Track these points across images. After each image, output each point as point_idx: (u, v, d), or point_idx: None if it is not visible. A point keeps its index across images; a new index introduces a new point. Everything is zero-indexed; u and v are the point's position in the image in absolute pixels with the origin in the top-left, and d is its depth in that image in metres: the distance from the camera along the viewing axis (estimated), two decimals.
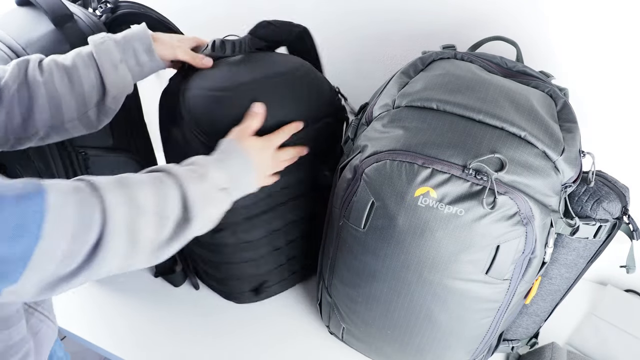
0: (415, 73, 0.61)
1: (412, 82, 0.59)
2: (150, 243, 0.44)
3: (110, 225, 0.40)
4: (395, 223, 0.53)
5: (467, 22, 0.79)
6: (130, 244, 0.42)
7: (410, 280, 0.56)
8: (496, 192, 0.48)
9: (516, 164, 0.49)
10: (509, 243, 0.50)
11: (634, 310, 0.83)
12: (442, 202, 0.49)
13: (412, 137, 0.52)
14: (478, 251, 0.51)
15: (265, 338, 0.81)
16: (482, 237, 0.50)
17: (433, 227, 0.51)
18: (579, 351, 0.77)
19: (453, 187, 0.49)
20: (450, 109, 0.53)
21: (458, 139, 0.50)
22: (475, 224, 0.49)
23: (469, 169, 0.48)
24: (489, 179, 0.47)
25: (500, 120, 0.51)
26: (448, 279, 0.54)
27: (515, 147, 0.50)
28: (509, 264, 0.52)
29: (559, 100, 0.58)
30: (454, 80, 0.57)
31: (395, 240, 0.54)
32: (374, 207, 0.54)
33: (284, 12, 0.75)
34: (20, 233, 0.35)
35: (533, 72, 0.63)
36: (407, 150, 0.51)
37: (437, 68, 0.61)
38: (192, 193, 0.47)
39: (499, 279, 0.53)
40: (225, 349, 0.79)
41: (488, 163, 0.48)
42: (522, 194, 0.49)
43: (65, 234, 0.37)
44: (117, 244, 0.41)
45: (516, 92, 0.56)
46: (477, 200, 0.48)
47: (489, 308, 0.57)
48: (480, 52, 0.67)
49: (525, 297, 0.61)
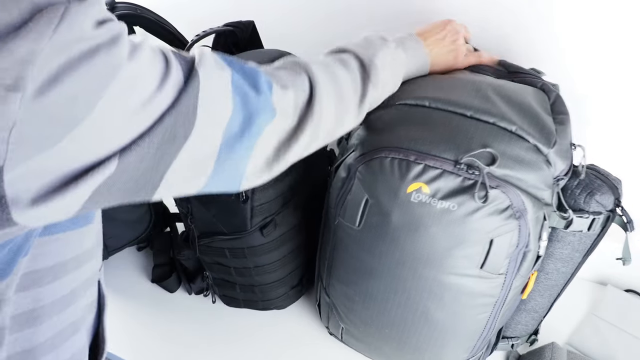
0: None
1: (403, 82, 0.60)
2: (351, 100, 0.49)
3: (316, 78, 0.45)
4: (390, 220, 0.53)
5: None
6: (337, 99, 0.47)
7: (406, 277, 0.57)
8: (488, 186, 0.48)
9: (507, 157, 0.50)
10: (502, 237, 0.51)
11: (634, 310, 0.83)
12: (435, 197, 0.50)
13: (404, 134, 0.52)
14: (472, 246, 0.52)
15: (263, 340, 0.81)
16: (476, 231, 0.51)
17: (427, 223, 0.51)
18: (579, 351, 0.77)
19: (445, 182, 0.50)
20: (443, 106, 0.54)
21: (449, 135, 0.51)
22: (468, 218, 0.50)
23: (461, 163, 0.49)
24: (481, 173, 0.48)
25: (491, 115, 0.52)
26: (443, 275, 0.54)
27: (506, 141, 0.50)
28: (503, 258, 0.53)
29: (552, 93, 0.59)
30: (447, 79, 0.58)
31: (390, 237, 0.54)
32: (368, 204, 0.54)
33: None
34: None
35: (526, 70, 0.64)
36: (399, 147, 0.52)
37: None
38: (375, 60, 0.51)
39: (494, 274, 0.54)
40: (225, 350, 0.79)
41: (479, 157, 0.49)
42: (514, 187, 0.49)
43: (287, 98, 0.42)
44: (327, 99, 0.45)
45: (508, 89, 0.56)
46: (469, 195, 0.49)
47: (485, 303, 0.58)
48: None
49: (522, 292, 0.61)
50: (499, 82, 0.58)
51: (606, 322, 0.82)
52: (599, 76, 0.74)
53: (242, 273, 0.78)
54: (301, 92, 0.43)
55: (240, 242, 0.73)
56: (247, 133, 0.39)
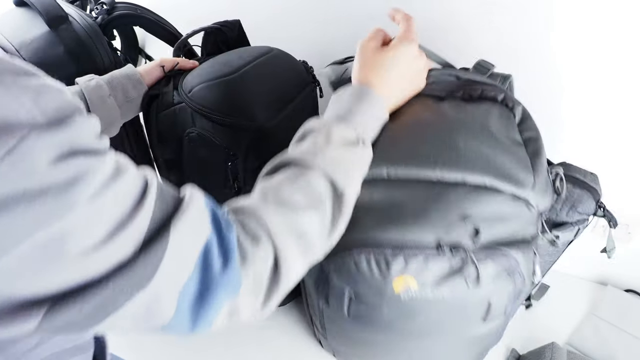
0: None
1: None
2: (319, 233, 0.40)
3: (279, 244, 0.37)
4: (381, 312, 0.48)
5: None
6: (305, 254, 0.39)
7: (410, 347, 0.54)
8: (477, 266, 0.44)
9: (488, 219, 0.45)
10: (499, 294, 0.48)
11: (634, 310, 0.83)
12: (426, 288, 0.45)
13: (370, 224, 0.46)
14: (472, 312, 0.49)
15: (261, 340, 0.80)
16: (473, 302, 0.48)
17: (423, 310, 0.47)
18: (579, 351, 0.76)
19: (432, 268, 0.45)
20: (403, 175, 0.46)
21: (422, 212, 0.45)
22: (463, 297, 0.46)
23: (442, 247, 0.44)
24: (467, 255, 0.44)
25: (458, 171, 0.46)
26: (449, 337, 0.52)
27: (482, 201, 0.45)
28: (503, 306, 0.50)
29: (517, 108, 0.53)
30: (399, 127, 0.50)
31: (384, 324, 0.50)
32: (352, 300, 0.49)
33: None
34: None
35: (479, 79, 0.57)
36: (371, 245, 0.45)
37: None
38: (327, 167, 0.41)
39: (497, 317, 0.51)
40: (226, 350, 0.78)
41: (461, 234, 0.44)
42: (502, 249, 0.45)
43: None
44: (292, 254, 0.37)
45: (468, 124, 0.50)
46: (461, 276, 0.45)
47: (492, 334, 0.56)
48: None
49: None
50: (458, 117, 0.51)
51: (606, 322, 0.81)
52: (556, 64, 0.71)
53: None
54: (266, 267, 0.36)
55: None
56: (205, 304, 0.33)
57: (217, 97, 0.62)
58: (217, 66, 0.66)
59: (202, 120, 0.63)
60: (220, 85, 0.63)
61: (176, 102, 0.65)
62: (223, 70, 0.65)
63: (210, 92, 0.63)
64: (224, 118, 0.61)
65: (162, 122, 0.67)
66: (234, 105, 0.62)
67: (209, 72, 0.65)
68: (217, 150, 0.63)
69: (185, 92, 0.64)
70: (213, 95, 0.62)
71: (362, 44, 0.52)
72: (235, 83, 0.63)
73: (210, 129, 0.63)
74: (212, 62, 0.68)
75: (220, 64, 0.67)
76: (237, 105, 0.62)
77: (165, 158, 0.72)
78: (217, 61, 0.68)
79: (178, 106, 0.65)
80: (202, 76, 0.65)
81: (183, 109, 0.64)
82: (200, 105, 0.62)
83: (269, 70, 0.69)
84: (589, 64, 0.72)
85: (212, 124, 0.62)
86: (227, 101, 0.62)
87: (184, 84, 0.65)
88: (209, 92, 0.63)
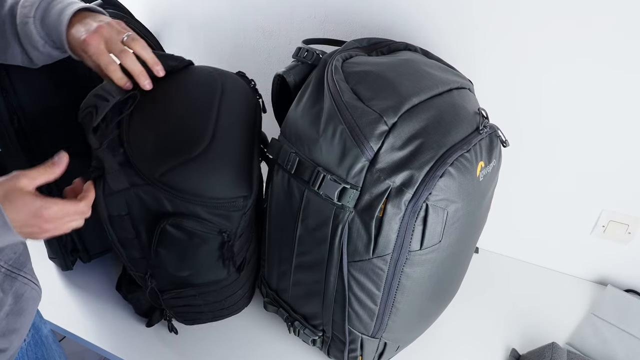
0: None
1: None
2: None
3: None
4: (468, 209, 0.57)
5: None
6: None
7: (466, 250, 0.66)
8: (500, 133, 0.61)
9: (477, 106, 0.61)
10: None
11: (634, 310, 0.83)
12: (488, 165, 0.57)
13: (438, 137, 0.53)
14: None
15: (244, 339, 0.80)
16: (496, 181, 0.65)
17: (488, 187, 0.60)
18: (579, 351, 0.76)
19: (482, 144, 0.56)
20: (424, 98, 0.56)
21: (454, 115, 0.56)
22: (496, 173, 0.62)
23: (479, 128, 0.56)
24: (492, 127, 0.58)
25: (443, 85, 0.58)
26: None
27: (469, 95, 0.62)
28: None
29: (418, 48, 0.70)
30: (392, 76, 0.59)
31: (469, 221, 0.59)
32: (447, 213, 0.54)
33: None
34: None
35: (377, 39, 0.69)
36: (450, 149, 0.53)
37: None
38: None
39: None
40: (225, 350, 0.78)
41: (478, 120, 0.57)
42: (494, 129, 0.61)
43: None
44: None
45: (418, 63, 0.62)
46: (496, 149, 0.60)
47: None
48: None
49: None
50: (405, 59, 0.62)
51: (606, 322, 0.82)
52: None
53: (213, 304, 0.74)
54: None
55: (215, 286, 0.70)
56: None
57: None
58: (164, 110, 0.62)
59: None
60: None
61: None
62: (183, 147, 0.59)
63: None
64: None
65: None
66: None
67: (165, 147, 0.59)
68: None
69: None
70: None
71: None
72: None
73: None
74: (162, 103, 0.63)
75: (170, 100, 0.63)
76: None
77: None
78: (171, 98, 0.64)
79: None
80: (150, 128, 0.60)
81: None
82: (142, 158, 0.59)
83: (231, 86, 0.67)
84: (588, 64, 0.72)
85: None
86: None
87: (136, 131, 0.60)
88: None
